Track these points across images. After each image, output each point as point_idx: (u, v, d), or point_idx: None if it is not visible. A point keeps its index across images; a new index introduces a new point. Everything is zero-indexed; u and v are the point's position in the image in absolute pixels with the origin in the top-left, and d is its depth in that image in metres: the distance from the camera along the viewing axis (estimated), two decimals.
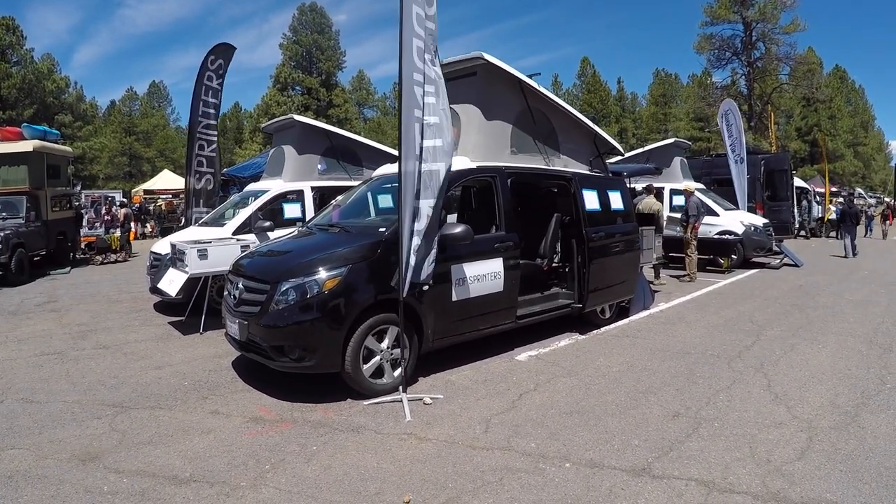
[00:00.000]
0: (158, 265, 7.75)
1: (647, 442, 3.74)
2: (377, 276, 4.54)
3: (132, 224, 18.11)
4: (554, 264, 6.78)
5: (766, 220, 13.40)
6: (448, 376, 5.12)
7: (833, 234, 22.84)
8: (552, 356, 5.77)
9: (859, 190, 44.25)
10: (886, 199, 44.28)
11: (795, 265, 12.81)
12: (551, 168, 6.43)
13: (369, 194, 6.24)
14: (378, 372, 4.61)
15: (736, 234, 12.36)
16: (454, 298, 4.98)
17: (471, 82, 5.70)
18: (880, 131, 68.27)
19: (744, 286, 10.22)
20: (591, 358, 5.69)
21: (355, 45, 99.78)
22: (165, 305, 8.08)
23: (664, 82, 60.03)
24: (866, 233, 21.17)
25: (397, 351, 4.62)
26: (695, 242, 10.87)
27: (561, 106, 6.56)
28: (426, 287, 4.57)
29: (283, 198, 8.43)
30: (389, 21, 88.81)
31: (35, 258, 12.14)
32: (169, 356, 5.84)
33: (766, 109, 33.94)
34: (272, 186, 8.53)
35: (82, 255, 14.95)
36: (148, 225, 23.54)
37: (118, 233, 15.45)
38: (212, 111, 10.17)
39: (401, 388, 4.47)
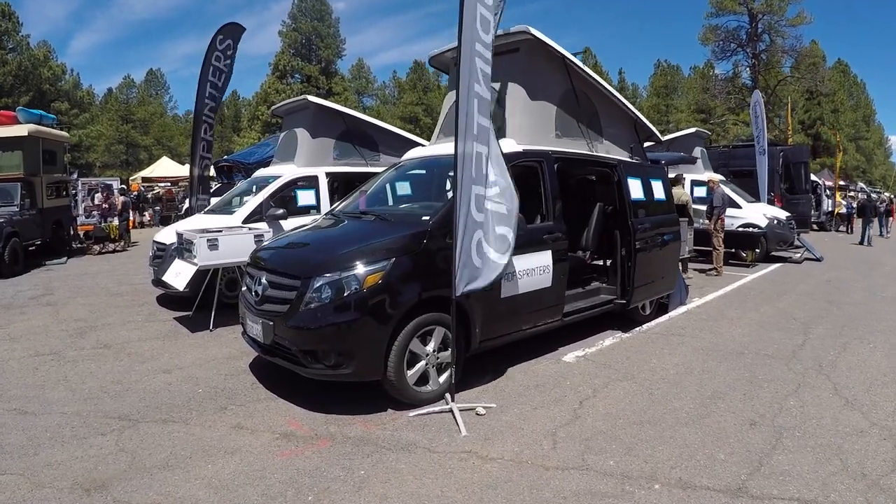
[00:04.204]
0: (163, 256, 7.23)
1: (733, 456, 3.39)
2: (422, 271, 4.02)
3: (130, 212, 17.44)
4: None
5: (788, 214, 13.00)
6: (496, 381, 4.62)
7: (842, 227, 22.44)
8: (601, 357, 5.31)
9: (861, 184, 43.88)
10: (887, 195, 43.91)
11: (816, 259, 12.42)
12: (597, 154, 5.93)
13: (399, 180, 5.72)
14: (422, 379, 4.10)
15: (760, 228, 11.93)
16: (502, 295, 4.47)
17: (513, 59, 5.18)
18: (881, 126, 68.02)
19: (772, 281, 9.84)
20: (644, 359, 5.25)
21: (355, 32, 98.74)
22: (169, 299, 7.54)
23: (666, 73, 59.41)
24: (881, 231, 20.29)
25: (443, 355, 4.12)
26: (721, 235, 10.44)
27: (604, 87, 6.04)
28: None
29: (296, 184, 7.88)
30: (389, 9, 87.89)
31: (30, 248, 11.56)
32: (178, 357, 5.31)
33: (776, 100, 33.47)
34: (284, 172, 7.99)
35: (79, 245, 14.39)
36: (146, 213, 22.88)
37: (116, 221, 14.86)
38: (217, 94, 9.71)
39: (449, 396, 3.98)
